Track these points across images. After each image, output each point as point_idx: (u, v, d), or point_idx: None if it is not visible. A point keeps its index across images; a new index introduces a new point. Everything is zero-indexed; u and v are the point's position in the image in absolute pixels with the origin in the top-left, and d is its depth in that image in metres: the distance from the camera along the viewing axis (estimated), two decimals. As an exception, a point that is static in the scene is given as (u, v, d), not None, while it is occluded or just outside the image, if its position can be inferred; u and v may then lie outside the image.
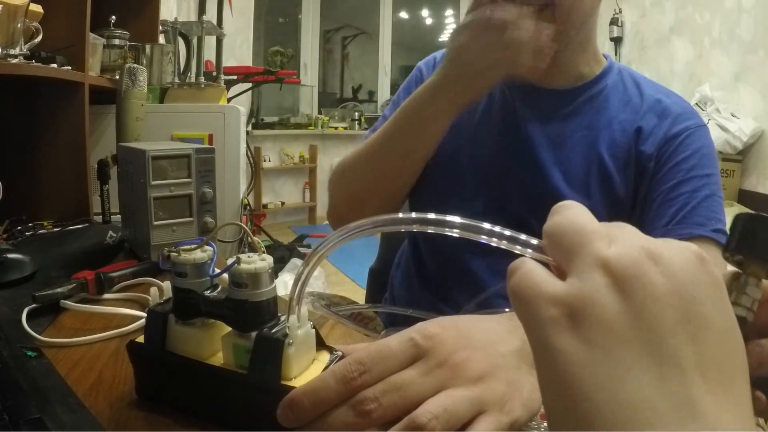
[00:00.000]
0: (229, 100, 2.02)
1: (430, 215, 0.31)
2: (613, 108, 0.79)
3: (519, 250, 0.28)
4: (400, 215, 0.33)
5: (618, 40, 4.25)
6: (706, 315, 0.23)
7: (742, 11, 3.22)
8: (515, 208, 0.78)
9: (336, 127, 5.42)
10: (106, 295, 0.71)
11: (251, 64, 4.42)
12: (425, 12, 6.42)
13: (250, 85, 3.01)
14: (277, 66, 2.55)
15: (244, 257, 0.40)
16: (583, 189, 0.76)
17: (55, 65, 1.13)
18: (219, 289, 0.43)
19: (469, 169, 0.82)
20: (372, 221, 0.33)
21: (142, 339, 0.45)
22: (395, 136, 0.76)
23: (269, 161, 5.04)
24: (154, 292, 0.46)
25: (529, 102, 0.81)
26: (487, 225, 0.29)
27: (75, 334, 0.58)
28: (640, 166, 0.76)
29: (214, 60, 2.24)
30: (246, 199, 1.91)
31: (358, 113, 5.59)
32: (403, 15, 6.20)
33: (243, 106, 1.71)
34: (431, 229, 0.31)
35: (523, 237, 0.28)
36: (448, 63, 0.70)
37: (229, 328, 0.42)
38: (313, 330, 0.42)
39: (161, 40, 1.87)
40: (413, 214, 0.32)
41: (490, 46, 0.65)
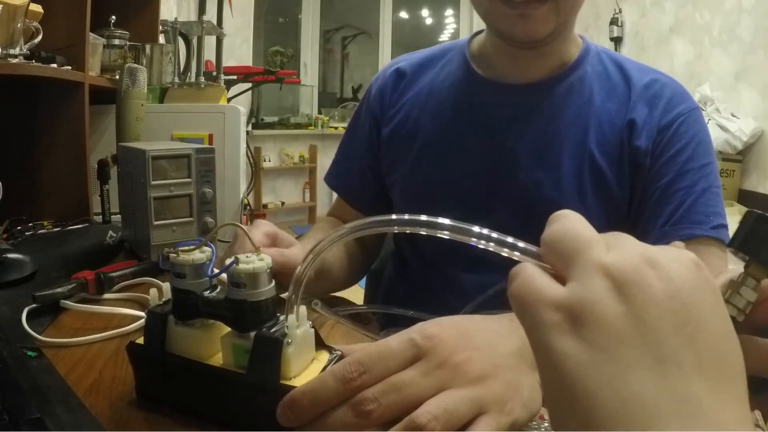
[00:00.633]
0: (229, 100, 2.01)
1: (426, 217, 0.31)
2: (597, 97, 0.75)
3: (517, 257, 0.28)
4: (397, 216, 0.32)
5: (618, 40, 4.25)
6: (704, 318, 0.23)
7: (742, 11, 3.21)
8: (506, 227, 0.76)
9: (336, 127, 5.41)
10: (106, 295, 0.71)
11: (251, 64, 4.42)
12: (425, 12, 6.41)
13: (250, 85, 3.00)
14: (277, 66, 2.55)
15: (242, 257, 0.40)
16: (577, 195, 0.73)
17: (55, 65, 1.13)
18: (218, 290, 0.43)
19: (450, 194, 0.78)
20: (368, 222, 0.33)
21: (141, 340, 0.45)
22: None
23: (269, 161, 5.04)
24: (154, 293, 0.46)
25: (503, 100, 0.76)
26: (496, 234, 0.29)
27: (75, 334, 0.58)
28: (635, 162, 0.73)
29: (214, 60, 2.23)
30: (246, 199, 1.90)
31: (358, 113, 5.58)
32: (403, 15, 6.19)
33: (243, 106, 1.71)
34: (424, 232, 0.31)
35: (521, 245, 0.28)
36: None
37: (229, 329, 0.42)
38: (312, 329, 0.42)
39: (161, 40, 1.86)
40: (412, 216, 0.31)
41: None
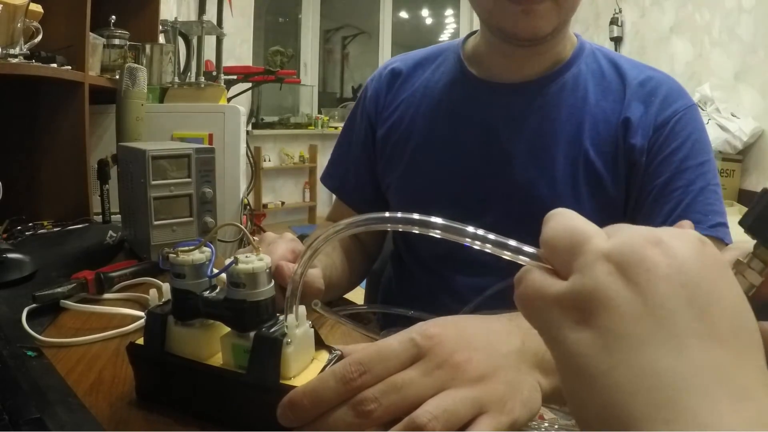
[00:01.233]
0: (229, 99, 2.02)
1: (419, 216, 0.31)
2: (592, 95, 0.74)
3: (509, 256, 0.28)
4: (390, 214, 0.32)
5: (618, 40, 4.24)
6: (715, 290, 0.23)
7: (742, 11, 3.21)
8: (501, 226, 0.76)
9: (336, 127, 5.40)
10: (106, 295, 0.71)
11: (251, 64, 4.41)
12: (425, 12, 6.41)
13: (250, 84, 3.00)
14: (277, 66, 2.54)
15: (241, 257, 0.40)
16: (572, 194, 0.72)
17: (55, 65, 1.13)
18: (218, 290, 0.43)
19: (445, 195, 0.78)
20: (363, 219, 0.33)
21: (141, 340, 0.45)
22: None
23: (269, 161, 5.04)
24: (153, 293, 0.45)
25: (497, 99, 0.76)
26: (500, 237, 0.29)
27: (75, 334, 0.58)
28: (630, 160, 0.72)
29: (214, 60, 2.23)
30: (246, 199, 1.90)
31: (358, 113, 5.58)
32: (403, 15, 6.19)
33: (243, 105, 1.71)
34: (417, 230, 0.31)
35: (513, 244, 0.28)
36: None
37: (228, 329, 0.42)
38: (312, 329, 0.42)
39: (161, 40, 1.86)
40: (405, 214, 0.31)
41: None
